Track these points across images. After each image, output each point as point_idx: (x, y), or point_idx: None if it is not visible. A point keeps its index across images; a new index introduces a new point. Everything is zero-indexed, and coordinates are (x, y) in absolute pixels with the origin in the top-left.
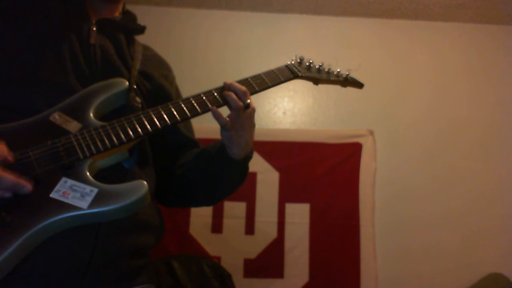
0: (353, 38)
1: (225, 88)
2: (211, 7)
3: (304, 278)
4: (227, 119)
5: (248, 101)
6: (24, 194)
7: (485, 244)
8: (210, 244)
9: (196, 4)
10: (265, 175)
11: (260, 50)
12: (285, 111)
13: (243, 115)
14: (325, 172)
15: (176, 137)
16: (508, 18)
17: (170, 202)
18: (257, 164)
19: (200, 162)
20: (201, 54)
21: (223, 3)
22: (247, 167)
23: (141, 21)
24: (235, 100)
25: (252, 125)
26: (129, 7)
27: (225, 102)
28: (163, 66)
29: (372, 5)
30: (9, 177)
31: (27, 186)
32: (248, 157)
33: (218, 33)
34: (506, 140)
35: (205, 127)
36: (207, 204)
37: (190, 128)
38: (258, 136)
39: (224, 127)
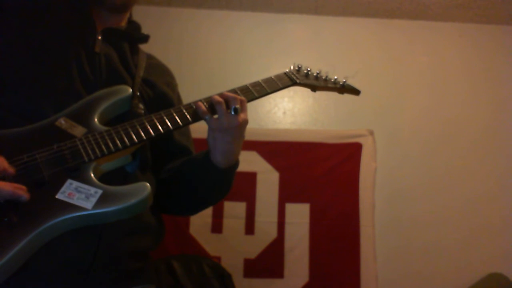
0: (353, 38)
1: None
2: (211, 7)
3: (304, 278)
4: (207, 111)
5: (237, 106)
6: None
7: (485, 244)
8: (210, 244)
9: (196, 4)
10: (265, 175)
11: (260, 50)
12: (285, 111)
13: (234, 121)
14: (325, 172)
15: (169, 143)
16: (508, 18)
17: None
18: (257, 164)
19: (184, 167)
20: (201, 54)
21: (223, 3)
22: (230, 179)
23: (141, 21)
24: (227, 96)
25: (242, 136)
26: None
27: (226, 106)
28: (166, 74)
29: (372, 5)
30: (6, 188)
31: (23, 196)
32: (233, 168)
33: (218, 33)
34: (505, 140)
35: (205, 127)
36: (190, 212)
37: (187, 135)
38: (258, 136)
39: (203, 116)
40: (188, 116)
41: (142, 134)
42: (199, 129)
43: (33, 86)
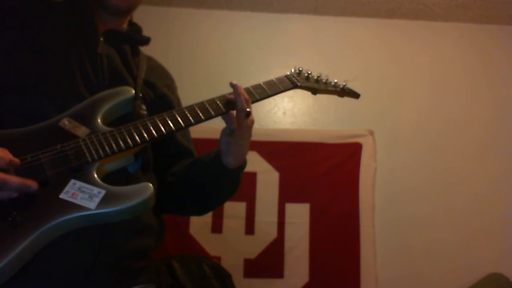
0: (353, 38)
1: (231, 86)
2: (211, 7)
3: (304, 278)
4: (236, 126)
5: (249, 109)
6: (33, 194)
7: (485, 244)
8: (210, 244)
9: (196, 4)
10: (265, 175)
11: (260, 50)
12: (285, 111)
13: (244, 123)
14: (325, 172)
15: (171, 144)
16: (508, 18)
17: (162, 208)
18: (257, 164)
19: (193, 171)
20: (201, 54)
21: (223, 3)
22: (239, 178)
23: (141, 21)
24: (243, 102)
25: (250, 136)
26: None
27: (228, 109)
28: (166, 76)
29: (372, 5)
30: (14, 179)
31: (32, 186)
32: (241, 167)
33: (218, 33)
34: (505, 140)
35: (206, 127)
36: (197, 213)
37: (188, 137)
38: (258, 136)
39: (230, 132)
40: (190, 118)
41: (145, 135)
42: (200, 130)
43: (36, 87)
